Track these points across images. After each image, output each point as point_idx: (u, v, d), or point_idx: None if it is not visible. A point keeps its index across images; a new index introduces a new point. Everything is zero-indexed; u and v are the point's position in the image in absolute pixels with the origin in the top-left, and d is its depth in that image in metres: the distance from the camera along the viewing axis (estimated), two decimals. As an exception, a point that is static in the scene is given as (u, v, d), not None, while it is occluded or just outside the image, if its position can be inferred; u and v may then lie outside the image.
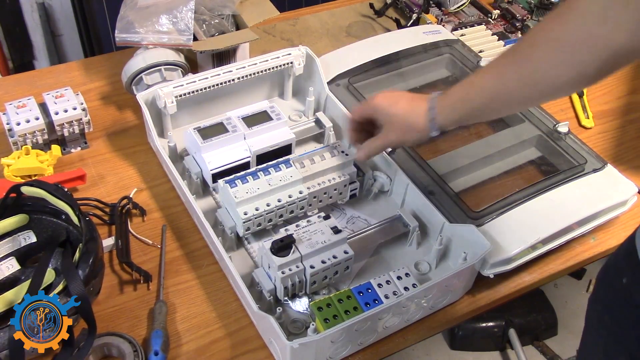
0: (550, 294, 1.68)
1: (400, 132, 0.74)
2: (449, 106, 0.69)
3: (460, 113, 0.68)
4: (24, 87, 1.05)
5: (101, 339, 0.71)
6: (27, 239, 0.77)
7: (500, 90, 0.63)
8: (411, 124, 0.72)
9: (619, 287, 0.64)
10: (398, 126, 0.74)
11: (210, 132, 0.87)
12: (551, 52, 0.58)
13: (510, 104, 0.66)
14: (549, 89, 0.61)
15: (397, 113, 0.73)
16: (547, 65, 0.58)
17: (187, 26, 0.97)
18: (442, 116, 0.69)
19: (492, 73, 0.64)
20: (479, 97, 0.65)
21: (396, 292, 0.73)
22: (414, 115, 0.71)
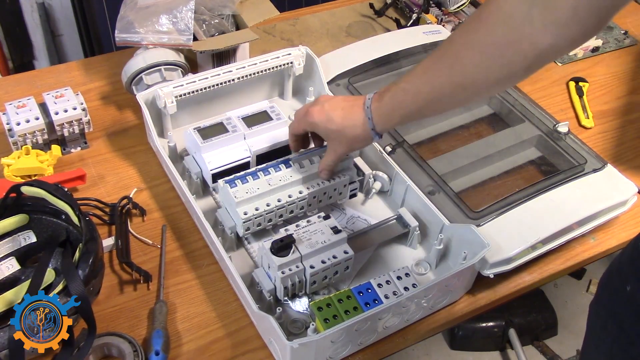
0: (550, 294, 1.68)
1: (344, 144, 0.75)
2: (385, 114, 0.70)
3: (397, 119, 0.70)
4: (24, 87, 1.05)
5: (101, 339, 0.71)
6: (27, 239, 0.77)
7: (433, 95, 0.64)
8: (351, 136, 0.73)
9: (623, 294, 0.64)
10: (340, 140, 0.75)
11: (210, 132, 0.87)
12: (480, 55, 0.59)
13: (444, 106, 0.67)
14: (480, 90, 0.62)
15: (335, 129, 0.73)
16: (477, 68, 0.59)
17: (187, 26, 0.97)
18: (380, 124, 0.71)
19: (424, 79, 0.65)
20: (414, 103, 0.67)
21: (396, 292, 0.73)
22: (352, 128, 0.72)
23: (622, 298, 0.64)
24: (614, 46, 1.24)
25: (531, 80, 1.15)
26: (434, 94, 0.64)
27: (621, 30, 1.28)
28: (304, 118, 0.77)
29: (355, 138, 0.73)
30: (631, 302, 0.63)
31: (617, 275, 0.66)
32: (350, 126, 0.72)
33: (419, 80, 0.65)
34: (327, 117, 0.74)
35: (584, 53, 1.21)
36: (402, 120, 0.70)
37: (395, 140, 0.91)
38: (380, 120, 0.70)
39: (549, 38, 0.54)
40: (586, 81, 1.14)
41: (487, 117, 1.03)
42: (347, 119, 0.72)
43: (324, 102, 0.75)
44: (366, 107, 0.71)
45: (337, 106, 0.74)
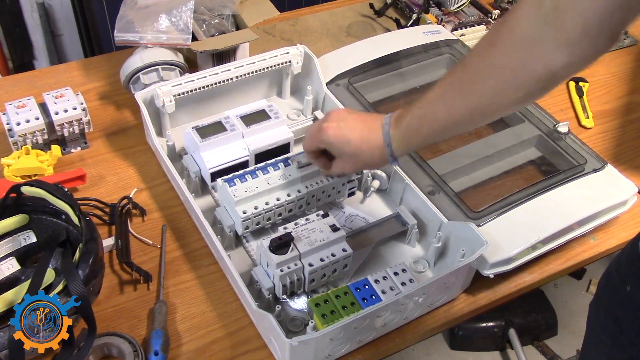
0: (550, 294, 1.67)
1: (357, 166, 0.76)
2: (404, 141, 0.69)
3: (414, 144, 0.70)
4: (24, 87, 1.05)
5: (101, 339, 0.71)
6: (27, 239, 0.77)
7: (450, 121, 0.65)
8: (368, 160, 0.73)
9: (622, 294, 0.64)
10: (354, 161, 0.74)
11: (208, 131, 0.87)
12: (495, 80, 0.59)
13: (462, 129, 0.67)
14: (497, 112, 0.63)
15: (351, 152, 0.72)
16: (493, 93, 0.60)
17: (187, 26, 0.97)
18: (399, 151, 0.70)
19: (440, 106, 0.65)
20: (431, 129, 0.67)
21: (393, 287, 0.73)
22: (370, 152, 0.71)
23: (622, 298, 0.64)
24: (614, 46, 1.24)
25: (531, 80, 1.15)
26: (451, 120, 0.64)
27: (621, 30, 1.28)
28: (318, 135, 0.74)
29: (372, 162, 0.73)
30: (630, 302, 0.63)
31: (617, 275, 0.66)
32: (368, 151, 0.71)
33: (435, 106, 0.65)
34: (344, 138, 0.72)
35: (583, 53, 1.21)
36: (420, 145, 0.71)
37: (395, 140, 0.91)
38: (398, 146, 0.70)
39: (562, 58, 0.54)
40: (586, 81, 1.14)
41: (487, 117, 1.03)
42: (365, 143, 0.71)
43: (339, 121, 0.73)
44: (385, 132, 0.70)
45: (355, 127, 0.72)
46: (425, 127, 0.67)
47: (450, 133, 0.68)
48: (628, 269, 0.64)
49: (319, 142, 0.75)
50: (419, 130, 0.67)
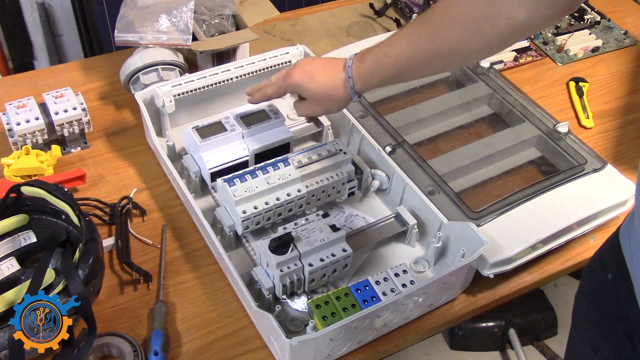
0: (550, 294, 1.67)
1: (324, 105, 0.77)
2: (366, 75, 0.72)
3: (376, 81, 0.72)
4: (24, 87, 1.05)
5: (101, 339, 0.71)
6: (27, 239, 0.77)
7: (413, 61, 0.68)
8: (332, 96, 0.75)
9: (604, 283, 0.65)
10: (320, 100, 0.77)
11: (208, 131, 0.87)
12: (459, 27, 0.63)
13: (422, 72, 0.71)
14: (457, 59, 0.67)
15: (317, 89, 0.75)
16: (456, 39, 0.63)
17: (187, 26, 0.97)
18: (360, 84, 0.73)
19: (405, 45, 0.68)
20: (393, 67, 0.69)
21: (394, 289, 0.73)
22: (334, 88, 0.74)
23: (604, 286, 0.65)
24: (614, 46, 1.24)
25: (531, 81, 1.15)
26: (413, 60, 0.67)
27: (621, 30, 1.28)
28: (285, 79, 0.78)
29: (337, 98, 0.75)
30: (611, 290, 0.64)
31: (599, 264, 0.67)
32: (332, 86, 0.74)
33: (400, 45, 0.68)
34: (309, 77, 0.75)
35: (584, 53, 1.21)
36: (382, 82, 0.73)
37: (395, 140, 0.92)
38: (360, 80, 0.73)
39: (523, 14, 0.58)
40: (586, 81, 1.14)
41: (487, 117, 1.03)
42: (329, 78, 0.74)
43: (304, 65, 0.77)
44: (347, 67, 0.73)
45: (319, 67, 0.76)
46: (389, 64, 0.69)
47: (412, 74, 0.72)
48: (610, 258, 0.65)
49: (286, 85, 0.78)
50: (382, 67, 0.70)
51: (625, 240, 0.61)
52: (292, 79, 0.76)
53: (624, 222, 0.64)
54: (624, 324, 0.62)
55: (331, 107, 0.78)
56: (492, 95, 1.04)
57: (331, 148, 0.86)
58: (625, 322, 0.61)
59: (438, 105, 1.02)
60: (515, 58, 1.18)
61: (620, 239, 0.63)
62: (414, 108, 1.01)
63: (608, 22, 1.29)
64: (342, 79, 0.73)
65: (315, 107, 0.78)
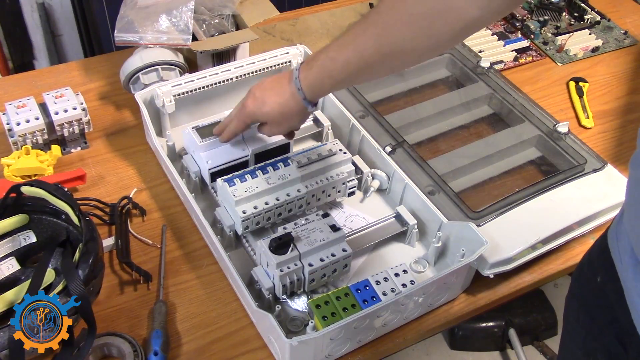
0: (550, 294, 1.67)
1: (284, 123, 0.76)
2: (315, 83, 0.70)
3: (327, 87, 0.70)
4: (24, 87, 1.05)
5: (101, 339, 0.71)
6: (27, 239, 0.77)
7: (362, 64, 0.65)
8: (287, 113, 0.74)
9: (594, 285, 0.65)
10: (278, 120, 0.76)
11: (208, 131, 0.87)
12: (407, 25, 0.60)
13: (375, 74, 0.68)
14: (408, 58, 0.63)
15: (271, 111, 0.74)
16: (405, 37, 0.60)
17: (187, 26, 0.97)
18: (310, 93, 0.71)
19: (351, 49, 0.65)
20: (344, 72, 0.67)
21: (394, 289, 0.73)
22: (286, 105, 0.73)
23: (593, 289, 0.65)
24: (614, 46, 1.24)
25: (531, 81, 1.15)
26: (363, 63, 0.65)
27: (621, 30, 1.28)
28: (241, 112, 0.78)
29: (291, 113, 0.74)
30: (601, 292, 0.63)
31: (588, 267, 0.67)
32: (284, 103, 0.73)
33: (347, 49, 0.65)
34: (261, 102, 0.75)
35: (584, 53, 1.21)
36: (333, 87, 0.71)
37: (395, 141, 0.92)
38: (310, 90, 0.71)
39: (475, 10, 0.56)
40: (586, 81, 1.14)
41: (487, 117, 1.03)
42: (279, 97, 0.73)
43: (254, 91, 0.76)
44: (294, 78, 0.71)
45: (267, 88, 0.75)
46: (338, 70, 0.67)
47: (364, 77, 0.69)
48: (598, 261, 0.64)
49: (244, 117, 0.78)
50: (331, 74, 0.68)
51: (614, 243, 0.61)
52: (246, 109, 0.76)
53: (612, 224, 0.63)
54: (615, 327, 0.61)
55: (291, 123, 0.76)
56: (492, 95, 1.04)
57: (331, 148, 0.86)
58: (615, 324, 0.61)
59: (438, 105, 1.02)
60: (515, 58, 1.18)
61: (608, 241, 0.62)
62: (414, 108, 1.01)
63: (608, 22, 1.29)
64: (291, 92, 0.72)
65: (276, 127, 0.77)
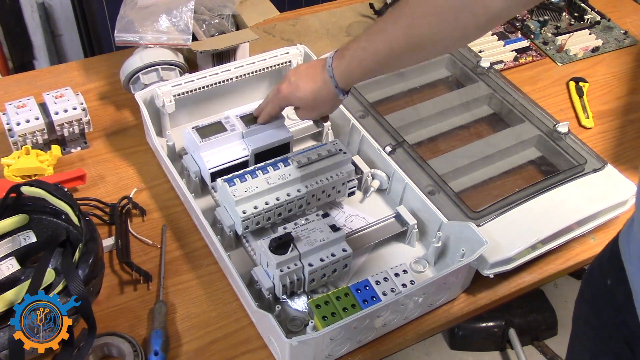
0: (550, 294, 1.67)
1: (316, 109, 0.78)
2: (347, 71, 0.73)
3: (358, 75, 0.73)
4: (24, 87, 1.05)
5: (101, 339, 0.71)
6: (27, 239, 0.77)
7: (391, 54, 0.68)
8: (320, 99, 0.76)
9: (603, 289, 0.65)
10: (311, 105, 0.78)
11: (208, 131, 0.87)
12: (435, 17, 0.62)
13: (403, 63, 0.71)
14: (435, 49, 0.66)
15: (305, 97, 0.77)
16: (432, 29, 0.63)
17: (187, 26, 0.97)
18: (342, 81, 0.74)
19: (381, 39, 0.67)
20: (373, 61, 0.70)
21: (394, 289, 0.73)
22: (319, 91, 0.75)
23: (603, 292, 0.65)
24: (614, 46, 1.24)
25: (531, 81, 1.15)
26: (392, 53, 0.67)
27: (621, 30, 1.28)
28: (276, 96, 0.80)
29: (324, 99, 0.76)
30: (610, 296, 0.63)
31: (599, 270, 0.67)
32: (317, 89, 0.75)
33: (377, 39, 0.68)
34: (295, 87, 0.77)
35: (584, 53, 1.21)
36: (364, 76, 0.73)
37: (395, 140, 0.92)
38: (342, 78, 0.73)
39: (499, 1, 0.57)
40: (586, 81, 1.14)
41: (487, 117, 1.03)
42: (312, 83, 0.75)
43: (290, 76, 0.78)
44: (328, 66, 0.73)
45: (302, 74, 0.77)
46: (368, 59, 0.70)
47: (393, 66, 0.72)
48: (609, 264, 0.64)
49: (279, 101, 0.80)
50: (362, 62, 0.71)
51: (624, 246, 0.61)
52: (281, 94, 0.79)
53: (624, 228, 0.64)
54: (623, 330, 0.61)
55: (323, 108, 0.79)
56: (492, 95, 1.04)
57: (331, 148, 0.86)
58: (624, 328, 0.61)
59: (438, 105, 1.02)
60: (515, 58, 1.18)
61: (619, 245, 0.63)
62: (414, 108, 1.01)
63: (608, 22, 1.29)
64: (324, 79, 0.74)
65: (309, 112, 0.80)
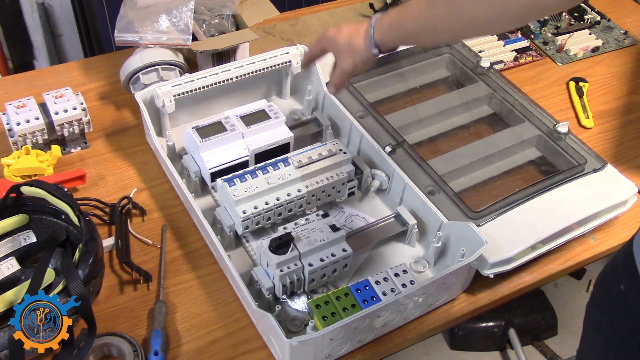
0: (550, 294, 1.67)
1: (348, 56, 0.78)
2: (386, 26, 0.73)
3: (395, 34, 0.73)
4: (24, 87, 1.05)
5: (101, 339, 0.71)
6: (27, 239, 0.77)
7: (430, 18, 0.68)
8: (354, 45, 0.76)
9: (617, 293, 0.64)
10: (344, 50, 0.78)
11: (208, 131, 0.87)
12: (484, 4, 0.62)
13: (439, 33, 0.70)
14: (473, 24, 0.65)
15: (342, 39, 0.78)
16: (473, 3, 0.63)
17: (187, 26, 0.97)
18: (379, 35, 0.74)
19: (426, 2, 0.68)
20: (412, 22, 0.70)
21: (394, 289, 0.73)
22: (356, 37, 0.76)
23: (616, 297, 0.65)
24: (614, 46, 1.24)
25: (531, 81, 1.15)
26: (432, 19, 0.68)
27: (621, 30, 1.28)
28: (321, 37, 0.81)
29: (355, 47, 0.76)
30: (624, 301, 0.63)
31: (612, 274, 0.66)
32: (355, 33, 0.76)
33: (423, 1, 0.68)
34: (339, 30, 0.78)
35: (584, 53, 1.21)
36: (400, 38, 0.73)
37: (395, 140, 0.92)
38: (379, 31, 0.74)
39: None
40: (586, 81, 1.14)
41: (487, 117, 1.03)
42: (354, 29, 0.77)
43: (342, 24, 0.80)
44: (373, 19, 0.75)
45: (350, 23, 0.78)
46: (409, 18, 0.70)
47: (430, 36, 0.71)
48: (623, 269, 0.64)
49: (321, 41, 0.81)
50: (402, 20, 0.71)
51: (639, 251, 0.61)
52: (326, 34, 0.80)
53: (638, 232, 0.64)
54: (637, 336, 0.61)
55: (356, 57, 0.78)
56: (492, 95, 1.04)
57: (331, 148, 0.86)
58: (637, 333, 0.61)
59: (438, 105, 1.02)
60: (515, 58, 1.18)
61: (633, 250, 0.62)
62: (414, 108, 1.01)
63: (608, 22, 1.29)
64: (365, 28, 0.75)
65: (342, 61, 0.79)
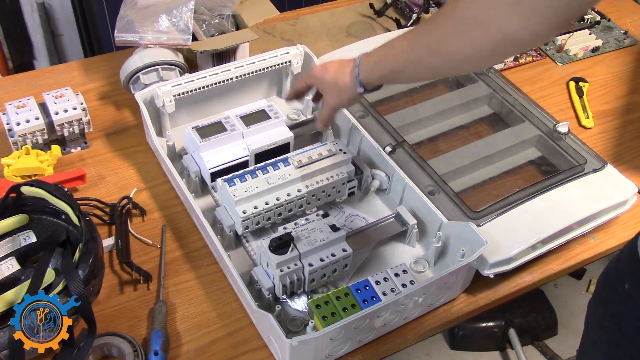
0: (550, 294, 1.67)
1: (334, 94, 0.79)
2: (371, 64, 0.74)
3: (379, 72, 0.74)
4: (24, 87, 1.05)
5: (101, 339, 0.71)
6: (27, 239, 0.77)
7: (411, 56, 0.68)
8: (340, 84, 0.77)
9: (621, 292, 0.64)
10: (331, 89, 0.79)
11: (208, 131, 0.87)
12: (453, 28, 0.62)
13: (421, 70, 0.70)
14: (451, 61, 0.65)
15: (328, 78, 0.79)
16: (450, 38, 0.63)
17: (187, 26, 0.97)
18: (364, 74, 0.74)
19: (407, 39, 0.69)
20: (394, 61, 0.71)
21: (394, 289, 0.73)
22: (342, 76, 0.77)
23: (620, 296, 0.65)
24: (614, 46, 1.24)
25: (531, 81, 1.15)
26: (413, 56, 0.68)
27: (621, 30, 1.28)
28: (307, 74, 0.84)
29: (342, 86, 0.77)
30: (629, 300, 0.63)
31: (615, 273, 0.66)
32: (341, 74, 0.77)
33: (404, 40, 0.69)
34: (325, 69, 0.80)
35: (584, 53, 1.21)
36: (384, 77, 0.74)
37: (395, 140, 0.92)
38: (364, 70, 0.74)
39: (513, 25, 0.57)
40: (586, 81, 1.14)
41: (487, 117, 1.03)
42: (339, 68, 0.78)
43: (325, 62, 0.81)
44: (357, 57, 0.75)
45: (336, 61, 0.80)
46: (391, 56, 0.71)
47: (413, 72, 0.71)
48: (627, 268, 0.64)
49: (307, 78, 0.83)
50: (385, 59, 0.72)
51: None
52: (311, 72, 0.82)
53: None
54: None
55: (342, 96, 0.79)
56: (492, 95, 1.04)
57: (331, 148, 0.86)
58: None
59: (438, 105, 1.02)
60: (515, 58, 1.18)
61: (638, 248, 0.62)
62: (414, 108, 1.01)
63: (608, 22, 1.29)
64: (350, 67, 0.76)
65: (329, 99, 0.81)
